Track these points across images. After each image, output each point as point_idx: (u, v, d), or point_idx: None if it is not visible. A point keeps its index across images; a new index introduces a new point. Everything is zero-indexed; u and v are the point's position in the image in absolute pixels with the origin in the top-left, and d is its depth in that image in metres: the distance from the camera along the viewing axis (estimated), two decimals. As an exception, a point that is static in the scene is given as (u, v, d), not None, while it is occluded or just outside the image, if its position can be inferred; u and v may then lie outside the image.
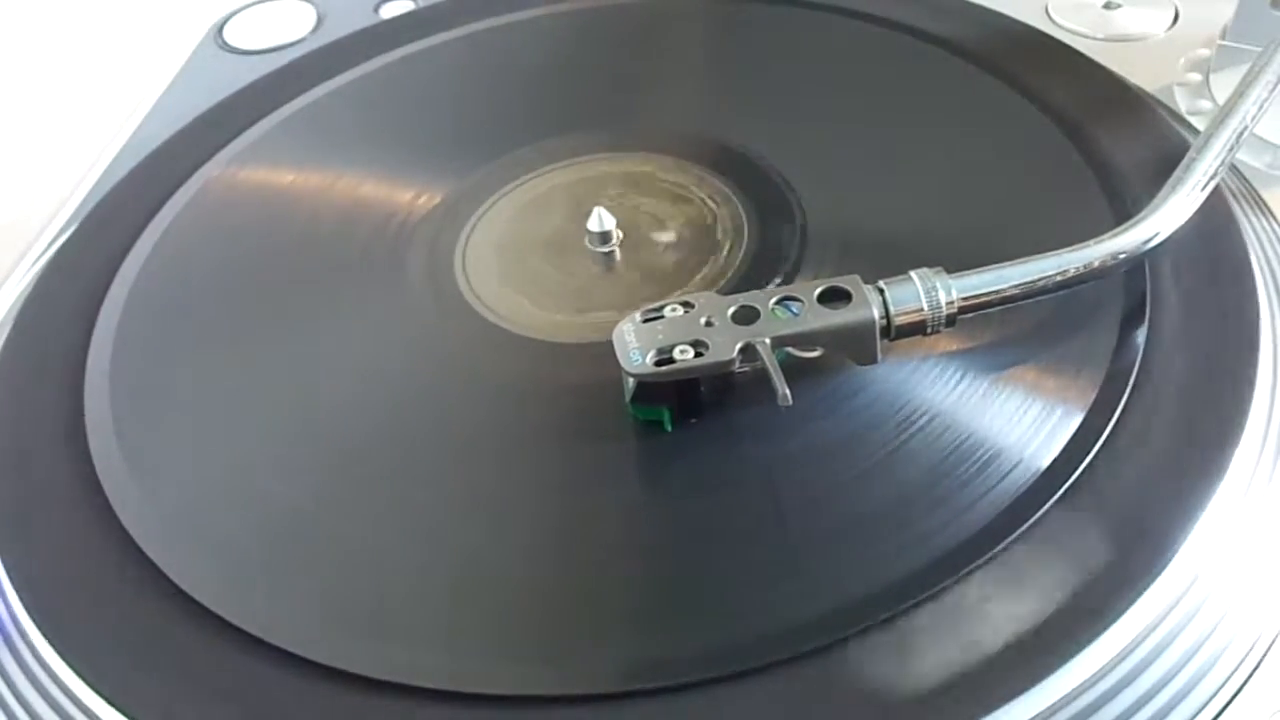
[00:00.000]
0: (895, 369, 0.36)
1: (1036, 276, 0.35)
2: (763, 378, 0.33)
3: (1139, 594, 0.30)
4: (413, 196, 0.47)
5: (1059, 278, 0.35)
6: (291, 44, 0.61)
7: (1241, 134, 0.40)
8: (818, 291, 0.35)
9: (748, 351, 0.34)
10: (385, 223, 0.46)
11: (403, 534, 0.35)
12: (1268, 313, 0.37)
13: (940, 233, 0.42)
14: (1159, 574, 0.31)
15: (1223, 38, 0.51)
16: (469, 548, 0.34)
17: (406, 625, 0.32)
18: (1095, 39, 0.53)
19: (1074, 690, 0.29)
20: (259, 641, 0.32)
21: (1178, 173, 0.38)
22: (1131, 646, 0.30)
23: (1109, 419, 0.34)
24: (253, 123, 0.52)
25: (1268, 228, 0.42)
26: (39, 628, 0.34)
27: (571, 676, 0.31)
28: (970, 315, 0.35)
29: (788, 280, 0.40)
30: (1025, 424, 0.34)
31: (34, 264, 0.49)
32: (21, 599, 0.35)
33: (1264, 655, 0.31)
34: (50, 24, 0.69)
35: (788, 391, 0.32)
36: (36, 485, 0.38)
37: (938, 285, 0.35)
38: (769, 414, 0.34)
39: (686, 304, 0.35)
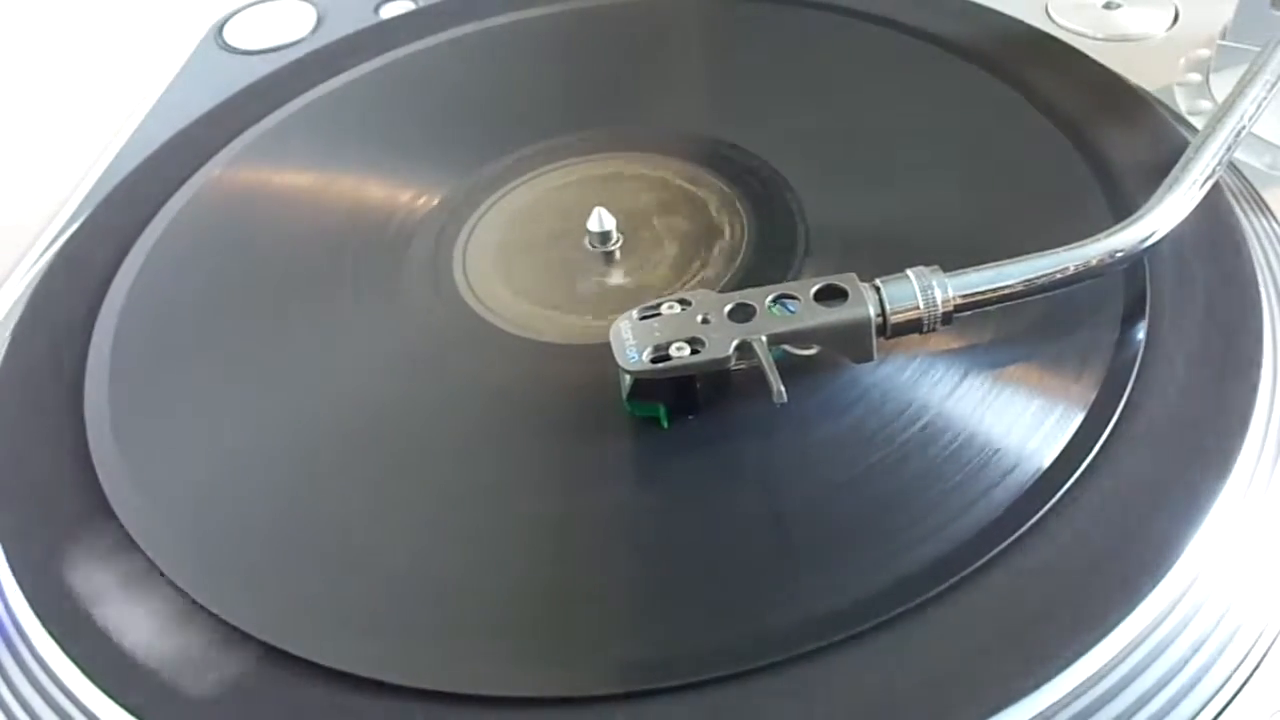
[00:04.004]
0: (894, 367, 0.36)
1: (1034, 275, 0.35)
2: (759, 375, 0.33)
3: (1140, 594, 0.30)
4: (413, 196, 0.47)
5: (1057, 276, 0.35)
6: (291, 44, 0.61)
7: (1240, 133, 0.40)
8: (814, 289, 0.35)
9: (744, 349, 0.34)
10: (385, 223, 0.46)
11: (402, 533, 0.35)
12: (1268, 312, 0.37)
13: (940, 232, 0.42)
14: (1160, 574, 0.31)
15: (1223, 38, 0.51)
16: (468, 547, 0.34)
17: (406, 625, 0.32)
18: (1095, 39, 0.53)
19: (1074, 690, 0.29)
20: (258, 641, 0.32)
21: (1175, 171, 0.38)
22: (1132, 646, 0.30)
23: (1110, 418, 0.34)
24: (253, 123, 0.52)
25: (1268, 228, 0.42)
26: (39, 627, 0.34)
27: (571, 677, 0.31)
28: (967, 314, 0.35)
29: (786, 279, 0.40)
30: (1026, 423, 0.34)
31: (34, 264, 0.50)
32: (22, 599, 0.35)
33: (1264, 655, 0.31)
34: (51, 24, 0.69)
35: (783, 389, 0.32)
36: (37, 485, 0.38)
37: (934, 283, 0.35)
38: (766, 411, 0.34)
39: (683, 301, 0.35)
